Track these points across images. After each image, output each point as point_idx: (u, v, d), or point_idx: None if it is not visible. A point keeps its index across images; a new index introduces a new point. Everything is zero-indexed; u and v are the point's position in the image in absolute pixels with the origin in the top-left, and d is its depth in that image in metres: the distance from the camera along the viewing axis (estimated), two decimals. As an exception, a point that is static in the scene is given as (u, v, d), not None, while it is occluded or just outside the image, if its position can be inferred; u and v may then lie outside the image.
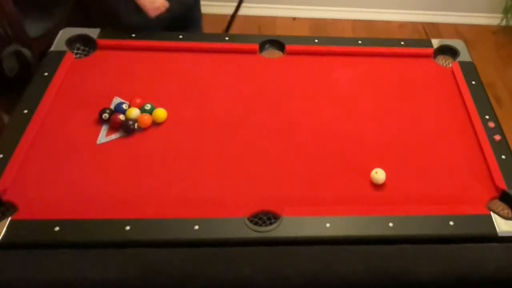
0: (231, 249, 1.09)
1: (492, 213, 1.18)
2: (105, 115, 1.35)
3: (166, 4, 1.63)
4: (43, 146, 1.28)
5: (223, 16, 3.27)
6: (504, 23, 3.34)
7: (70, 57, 1.53)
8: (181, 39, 1.62)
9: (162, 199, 1.19)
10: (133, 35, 1.61)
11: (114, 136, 1.33)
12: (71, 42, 1.57)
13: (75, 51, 1.57)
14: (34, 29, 2.33)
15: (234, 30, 3.15)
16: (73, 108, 1.39)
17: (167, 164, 1.27)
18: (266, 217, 1.16)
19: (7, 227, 1.07)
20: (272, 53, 1.65)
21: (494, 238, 1.14)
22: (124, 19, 1.66)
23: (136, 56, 1.57)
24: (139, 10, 1.60)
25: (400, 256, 1.11)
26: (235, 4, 3.27)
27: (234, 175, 1.26)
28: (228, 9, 3.30)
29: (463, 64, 1.62)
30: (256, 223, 1.14)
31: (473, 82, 1.56)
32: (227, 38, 1.64)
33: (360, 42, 1.69)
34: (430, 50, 1.68)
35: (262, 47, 1.65)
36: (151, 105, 1.39)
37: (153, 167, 1.26)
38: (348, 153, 1.34)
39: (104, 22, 1.67)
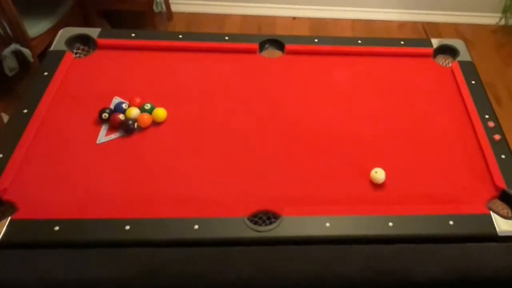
0: (231, 249, 1.09)
1: (492, 213, 1.18)
2: (105, 115, 1.35)
3: None
4: (42, 146, 1.28)
5: (222, 16, 3.28)
6: (503, 22, 3.35)
7: (70, 57, 1.53)
8: (181, 39, 1.62)
9: (162, 199, 1.19)
10: (133, 34, 1.61)
11: (114, 135, 1.33)
12: (70, 41, 1.56)
13: (74, 50, 1.57)
14: (34, 29, 2.34)
15: (234, 29, 3.16)
16: (72, 107, 1.39)
17: (167, 163, 1.27)
18: (266, 217, 1.16)
19: (7, 227, 1.07)
20: (272, 53, 1.65)
21: (494, 237, 1.14)
22: None
23: (136, 56, 1.57)
24: None
25: (400, 255, 1.11)
26: (236, 4, 3.28)
27: (234, 175, 1.26)
28: (228, 9, 3.31)
29: (463, 64, 1.62)
30: (256, 223, 1.14)
31: (473, 82, 1.56)
32: (227, 38, 1.64)
33: (360, 41, 1.69)
34: (430, 50, 1.68)
35: (262, 47, 1.65)
36: (151, 104, 1.39)
37: (153, 167, 1.26)
38: (348, 152, 1.34)
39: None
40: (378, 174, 1.25)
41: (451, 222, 1.16)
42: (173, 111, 1.40)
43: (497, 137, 1.37)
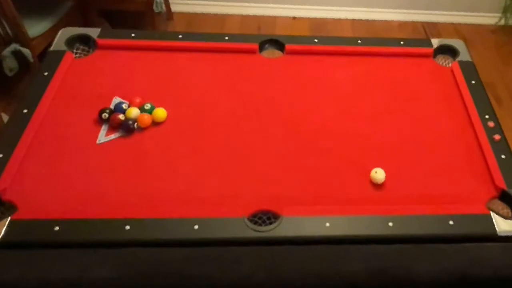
0: (231, 248, 1.09)
1: (491, 213, 1.18)
2: (105, 115, 1.35)
3: None
4: (42, 146, 1.28)
5: (222, 16, 3.28)
6: (503, 22, 3.35)
7: (69, 57, 1.53)
8: (181, 39, 1.62)
9: (162, 199, 1.19)
10: (133, 34, 1.61)
11: (114, 135, 1.33)
12: (70, 41, 1.56)
13: (74, 50, 1.57)
14: (34, 29, 2.34)
15: (234, 29, 3.16)
16: (72, 107, 1.39)
17: (167, 163, 1.27)
18: (266, 217, 1.16)
19: (7, 227, 1.07)
20: (272, 53, 1.65)
21: (493, 237, 1.14)
22: None
23: (136, 56, 1.57)
24: None
25: (400, 255, 1.11)
26: (235, 4, 3.28)
27: (234, 175, 1.26)
28: (228, 9, 3.31)
29: (462, 64, 1.62)
30: (256, 223, 1.14)
31: (473, 82, 1.56)
32: (227, 38, 1.64)
33: (360, 41, 1.69)
34: (429, 50, 1.68)
35: (262, 47, 1.65)
36: (150, 104, 1.39)
37: (153, 167, 1.26)
38: (348, 152, 1.34)
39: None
40: (378, 174, 1.25)
41: (451, 222, 1.16)
42: (173, 111, 1.40)
43: (497, 137, 1.37)
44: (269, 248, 1.10)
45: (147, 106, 1.39)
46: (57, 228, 1.08)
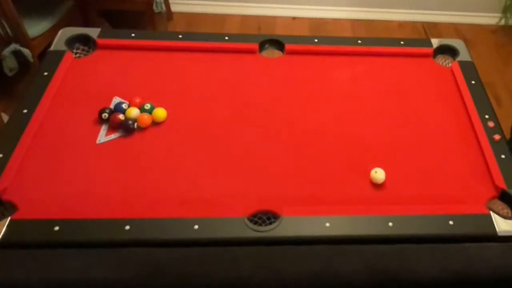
0: (231, 248, 1.09)
1: (491, 213, 1.18)
2: (105, 115, 1.35)
3: None
4: (42, 146, 1.28)
5: (222, 16, 3.28)
6: (503, 22, 3.35)
7: (69, 57, 1.52)
8: (181, 39, 1.62)
9: (162, 199, 1.19)
10: (133, 34, 1.61)
11: (113, 135, 1.33)
12: (70, 41, 1.56)
13: (74, 50, 1.57)
14: (34, 29, 2.34)
15: (234, 29, 3.16)
16: (72, 107, 1.39)
17: (167, 163, 1.27)
18: (266, 217, 1.16)
19: (7, 227, 1.07)
20: (272, 53, 1.65)
21: (493, 237, 1.14)
22: None
23: (136, 56, 1.57)
24: None
25: (400, 255, 1.11)
26: (235, 4, 3.28)
27: (234, 175, 1.26)
28: (228, 9, 3.31)
29: (462, 64, 1.62)
30: (256, 223, 1.14)
31: (473, 82, 1.56)
32: (227, 38, 1.64)
33: (359, 41, 1.69)
34: (429, 50, 1.68)
35: (261, 47, 1.65)
36: (150, 104, 1.39)
37: (153, 167, 1.26)
38: (348, 152, 1.34)
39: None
40: (378, 174, 1.25)
41: (451, 222, 1.16)
42: (173, 111, 1.40)
43: (497, 137, 1.37)
44: (269, 248, 1.10)
45: (147, 106, 1.39)
46: (57, 228, 1.08)
